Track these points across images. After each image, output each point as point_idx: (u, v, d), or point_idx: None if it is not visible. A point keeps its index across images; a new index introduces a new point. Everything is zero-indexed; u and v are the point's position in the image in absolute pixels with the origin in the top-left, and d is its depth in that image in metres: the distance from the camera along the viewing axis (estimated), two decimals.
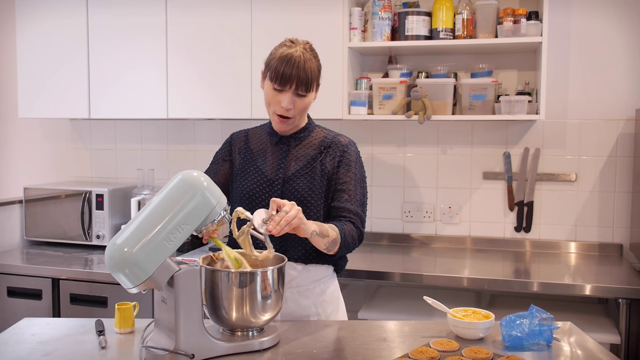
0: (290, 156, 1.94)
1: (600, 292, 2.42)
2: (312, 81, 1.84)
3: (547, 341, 1.59)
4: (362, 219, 1.92)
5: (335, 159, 1.92)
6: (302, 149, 1.94)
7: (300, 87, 1.82)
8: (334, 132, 2.01)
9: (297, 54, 1.82)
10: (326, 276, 1.94)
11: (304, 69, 1.81)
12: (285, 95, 1.83)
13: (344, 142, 1.96)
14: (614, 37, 2.92)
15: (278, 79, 1.82)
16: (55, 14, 3.22)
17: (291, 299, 1.86)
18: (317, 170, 1.90)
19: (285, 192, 1.87)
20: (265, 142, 1.98)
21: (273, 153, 1.95)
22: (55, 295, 2.85)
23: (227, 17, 2.97)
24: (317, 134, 1.98)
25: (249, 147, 1.99)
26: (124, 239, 1.41)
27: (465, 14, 2.80)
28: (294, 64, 1.80)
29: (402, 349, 1.57)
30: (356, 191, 1.91)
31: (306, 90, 1.84)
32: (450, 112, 2.87)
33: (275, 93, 1.84)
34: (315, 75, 1.85)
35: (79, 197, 3.20)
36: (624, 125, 2.93)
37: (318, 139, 1.96)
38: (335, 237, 1.78)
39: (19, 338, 1.64)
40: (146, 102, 3.12)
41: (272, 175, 1.90)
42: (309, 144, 1.95)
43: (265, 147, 1.97)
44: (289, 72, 1.80)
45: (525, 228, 3.06)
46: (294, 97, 1.83)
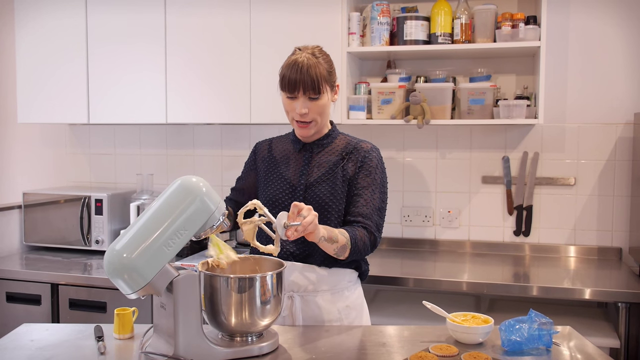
0: (313, 163, 1.94)
1: (600, 296, 2.42)
2: (320, 83, 1.85)
3: (546, 346, 1.59)
4: (378, 224, 1.91)
5: (356, 164, 1.92)
6: (324, 155, 1.95)
7: (308, 90, 1.83)
8: (357, 138, 2.00)
9: (302, 59, 1.84)
10: (350, 282, 1.94)
11: (308, 73, 1.83)
12: (298, 102, 1.85)
13: (366, 147, 1.96)
14: (613, 42, 2.92)
15: (286, 87, 1.85)
16: (53, 18, 3.22)
17: (315, 304, 1.86)
18: (338, 175, 1.91)
19: (307, 198, 1.88)
20: (289, 149, 2.00)
21: (296, 160, 1.97)
22: (54, 300, 2.85)
23: (227, 21, 2.98)
24: (340, 141, 1.98)
25: (272, 155, 2.01)
26: (123, 244, 1.41)
27: (463, 18, 2.80)
28: (299, 69, 1.83)
29: (401, 354, 1.56)
30: (373, 196, 1.90)
31: (315, 92, 1.85)
32: (449, 116, 2.87)
33: (289, 101, 1.88)
34: (322, 77, 1.85)
35: (78, 202, 3.19)
36: (622, 129, 2.93)
37: (341, 146, 1.96)
38: (345, 243, 1.78)
39: (18, 344, 1.64)
40: (145, 107, 3.12)
41: (295, 182, 1.92)
42: (332, 150, 1.96)
43: (289, 154, 1.99)
44: (294, 78, 1.83)
45: (524, 232, 3.06)
46: (307, 102, 1.85)
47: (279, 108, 2.92)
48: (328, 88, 1.89)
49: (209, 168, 3.47)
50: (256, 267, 1.70)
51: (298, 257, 1.88)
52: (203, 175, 1.96)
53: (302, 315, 1.86)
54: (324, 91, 1.87)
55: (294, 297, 1.86)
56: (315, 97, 1.85)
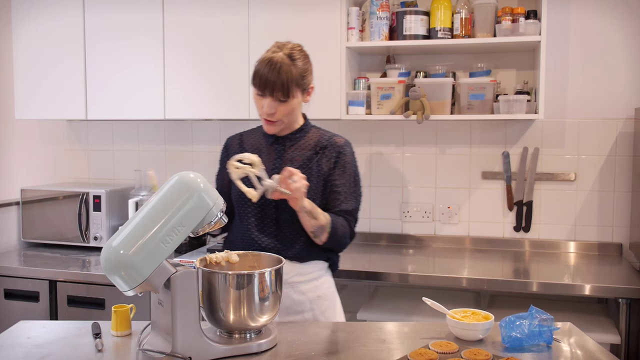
0: (286, 156, 1.95)
1: (600, 292, 2.41)
2: (291, 87, 1.84)
3: (547, 342, 1.58)
4: (356, 219, 1.96)
5: (331, 160, 1.93)
6: (297, 149, 1.95)
7: (277, 93, 1.83)
8: (329, 132, 2.01)
9: (277, 59, 1.83)
10: (321, 272, 1.95)
11: (280, 75, 1.82)
12: (265, 101, 1.85)
13: (339, 142, 1.97)
14: (613, 36, 2.91)
15: (257, 84, 1.85)
16: (51, 14, 3.20)
17: (285, 295, 1.87)
18: (313, 171, 1.92)
19: None
20: (261, 143, 2.00)
21: (268, 154, 1.97)
22: (52, 297, 2.84)
23: (225, 17, 2.96)
24: (313, 135, 1.99)
25: (244, 149, 2.00)
26: (120, 241, 1.40)
27: (463, 13, 2.79)
28: (271, 69, 1.82)
29: (401, 350, 1.55)
30: (351, 192, 1.94)
31: (285, 96, 1.84)
32: (448, 111, 2.86)
33: (258, 97, 1.88)
34: (293, 81, 1.84)
35: (76, 198, 3.18)
36: (623, 124, 2.92)
37: (314, 140, 1.97)
38: (325, 224, 1.82)
39: (15, 341, 1.62)
40: (143, 102, 3.11)
41: None
42: (305, 144, 1.96)
43: (261, 148, 1.99)
44: (265, 77, 1.82)
45: (524, 228, 3.05)
46: (275, 103, 1.85)
47: None
48: (299, 92, 1.88)
49: (207, 164, 3.46)
50: (255, 263, 1.69)
51: (271, 251, 1.87)
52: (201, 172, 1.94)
53: None
54: (294, 95, 1.87)
55: None
56: (284, 100, 1.85)
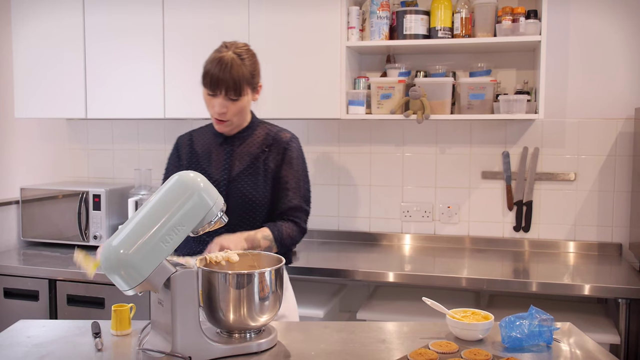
0: (235, 156, 1.97)
1: (600, 292, 2.41)
2: (242, 85, 1.87)
3: (546, 342, 1.58)
4: (307, 213, 2.00)
5: (278, 157, 1.96)
6: (245, 147, 1.98)
7: (229, 92, 1.85)
8: (277, 127, 2.04)
9: (227, 59, 1.86)
10: None
11: (231, 74, 1.84)
12: (216, 100, 1.87)
13: (285, 138, 2.00)
14: (613, 36, 2.91)
15: (208, 85, 1.87)
16: (51, 12, 3.20)
17: None
18: (260, 169, 1.95)
19: (230, 193, 1.91)
20: (211, 143, 2.02)
21: (217, 154, 1.99)
22: (52, 296, 2.84)
23: (225, 16, 2.96)
24: (261, 131, 2.01)
25: (194, 149, 2.03)
26: (120, 240, 1.40)
27: (463, 12, 2.79)
28: (222, 69, 1.84)
29: (401, 350, 1.55)
30: (299, 187, 1.97)
31: (236, 94, 1.87)
32: (448, 111, 2.86)
33: (209, 97, 1.90)
34: (244, 79, 1.87)
35: (76, 197, 3.18)
36: (623, 124, 2.92)
37: (261, 136, 2.00)
38: (269, 245, 1.86)
39: (14, 341, 1.62)
40: (143, 101, 3.10)
41: (218, 177, 1.94)
42: (253, 142, 1.99)
43: (211, 148, 2.01)
44: (217, 77, 1.84)
45: (524, 228, 3.05)
46: (226, 102, 1.87)
47: (277, 102, 2.93)
48: (249, 90, 1.91)
49: None
50: (255, 263, 1.68)
51: None
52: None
53: None
54: (245, 93, 1.89)
55: None
56: (235, 99, 1.87)
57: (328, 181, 3.29)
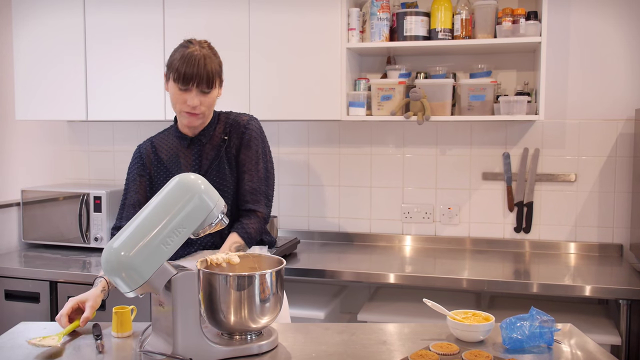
0: (203, 153, 2.00)
1: (601, 293, 2.41)
2: (214, 78, 1.91)
3: (547, 343, 1.58)
4: (267, 195, 2.00)
5: (237, 141, 1.99)
6: (212, 141, 2.00)
7: (202, 84, 1.88)
8: (235, 113, 2.06)
9: (197, 53, 1.89)
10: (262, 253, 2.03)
11: (205, 67, 1.88)
12: (190, 94, 1.89)
13: (243, 121, 2.02)
14: (614, 37, 2.91)
15: (181, 79, 1.87)
16: (52, 15, 3.20)
17: None
18: (224, 159, 1.97)
19: None
20: (176, 147, 2.04)
21: (186, 157, 2.01)
22: (53, 298, 2.84)
23: (226, 18, 2.96)
24: (221, 122, 2.04)
25: (158, 157, 2.04)
26: (121, 242, 1.40)
27: (464, 14, 2.79)
28: (195, 63, 1.87)
29: (401, 352, 1.55)
30: (258, 168, 1.98)
31: (208, 87, 1.90)
32: (449, 112, 2.86)
33: (180, 93, 1.90)
34: (216, 72, 1.92)
35: (77, 199, 3.18)
36: (623, 125, 2.92)
37: (222, 126, 2.02)
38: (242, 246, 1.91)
39: (15, 343, 1.62)
40: (144, 103, 3.11)
41: None
42: (216, 134, 2.01)
43: (177, 152, 2.03)
44: (190, 71, 1.86)
45: (524, 229, 3.05)
46: (199, 95, 1.90)
47: (277, 104, 2.93)
48: (218, 83, 1.95)
49: None
50: (255, 265, 1.69)
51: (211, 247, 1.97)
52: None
53: None
54: (215, 86, 1.93)
55: None
56: (207, 91, 1.91)
57: (329, 182, 3.29)
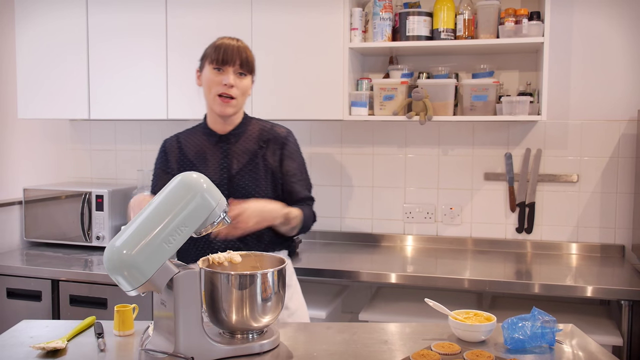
0: (232, 153, 1.98)
1: (602, 293, 2.40)
2: (250, 63, 1.93)
3: (549, 344, 1.58)
4: (314, 201, 2.08)
5: (276, 153, 1.99)
6: (241, 144, 1.99)
7: (242, 65, 1.91)
8: (269, 122, 2.06)
9: (232, 41, 1.93)
10: None
11: (245, 50, 1.92)
12: (226, 74, 1.90)
13: (282, 133, 2.02)
14: (616, 38, 2.90)
15: (219, 59, 1.89)
16: (54, 13, 3.21)
17: None
18: (260, 166, 1.97)
19: (232, 191, 1.93)
20: (203, 143, 2.02)
21: (213, 153, 1.99)
22: (55, 296, 2.84)
23: (228, 17, 2.96)
24: (254, 127, 2.03)
25: (184, 152, 2.02)
26: (123, 241, 1.40)
27: (466, 14, 2.79)
28: (230, 47, 1.91)
29: (403, 351, 1.55)
30: (305, 178, 2.05)
31: (247, 70, 1.92)
32: (451, 112, 2.86)
33: (215, 73, 1.92)
34: (253, 58, 1.95)
35: (79, 198, 3.19)
36: (626, 125, 2.92)
37: (255, 132, 2.02)
38: (297, 225, 1.94)
39: (17, 341, 1.63)
40: (146, 102, 3.11)
41: (216, 176, 1.94)
42: (248, 138, 2.00)
43: (204, 148, 2.01)
44: (229, 51, 1.89)
45: (526, 229, 3.04)
46: (235, 77, 1.91)
47: (279, 103, 2.93)
48: (253, 75, 1.98)
49: None
50: (257, 264, 1.69)
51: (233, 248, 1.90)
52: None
53: None
54: (251, 72, 1.95)
55: None
56: (244, 74, 1.92)
57: (330, 182, 3.29)
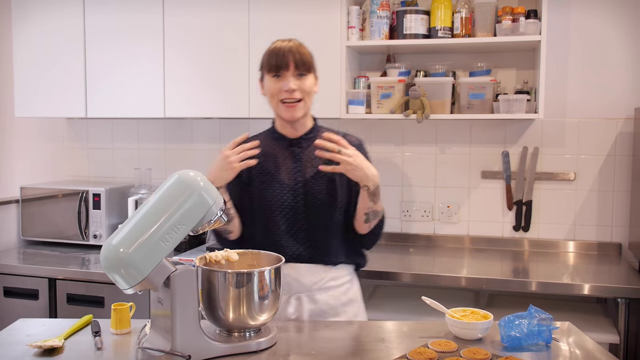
0: (304, 158, 1.92)
1: (599, 291, 2.41)
2: (309, 61, 1.86)
3: (546, 341, 1.58)
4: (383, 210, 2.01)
5: None
6: (314, 150, 1.90)
7: (298, 66, 1.83)
8: (340, 132, 1.99)
9: (284, 43, 1.86)
10: (351, 275, 1.97)
11: (298, 51, 1.84)
12: (285, 80, 1.83)
13: (355, 142, 1.96)
14: (613, 36, 2.91)
15: (273, 64, 1.83)
16: (51, 12, 3.20)
17: (322, 302, 1.88)
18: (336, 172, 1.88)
19: (307, 195, 1.88)
20: (273, 147, 1.96)
21: (284, 157, 1.93)
22: (52, 295, 2.84)
23: (225, 16, 2.96)
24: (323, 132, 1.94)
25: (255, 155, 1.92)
26: (120, 239, 1.40)
27: (463, 12, 2.79)
28: (286, 48, 1.84)
29: (400, 349, 1.56)
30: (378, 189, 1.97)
31: (305, 69, 1.85)
32: (448, 111, 2.86)
33: (275, 81, 1.85)
34: (309, 57, 1.87)
35: (76, 196, 3.18)
36: (622, 124, 2.92)
37: None
38: (381, 210, 1.89)
39: (14, 339, 1.62)
40: (143, 101, 3.11)
41: (290, 181, 1.89)
42: None
43: (274, 152, 1.95)
44: (281, 55, 1.83)
45: (523, 227, 3.05)
46: (295, 80, 1.84)
47: None
48: (314, 72, 1.90)
49: (207, 162, 3.45)
50: (254, 262, 1.69)
51: (303, 259, 1.87)
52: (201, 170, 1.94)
53: (309, 314, 1.87)
54: (311, 71, 1.88)
55: (301, 297, 1.87)
56: (303, 74, 1.85)
57: None
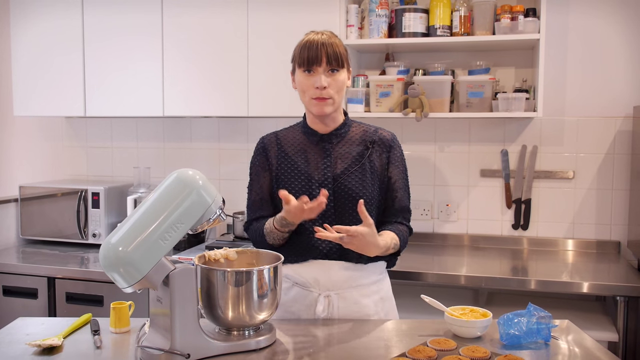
0: (335, 154, 1.88)
1: (598, 289, 2.41)
2: (341, 56, 1.80)
3: (545, 339, 1.58)
4: (411, 212, 1.98)
5: (383, 156, 1.90)
6: (344, 145, 1.89)
7: (330, 62, 1.78)
8: (372, 126, 1.96)
9: (317, 37, 1.79)
10: (382, 274, 1.93)
11: (330, 45, 1.78)
12: (317, 76, 1.78)
13: (388, 137, 1.93)
14: (612, 34, 2.91)
15: (305, 59, 1.78)
16: (50, 11, 3.20)
17: (352, 300, 1.83)
18: (366, 167, 1.87)
19: (337, 191, 1.83)
20: (303, 142, 1.91)
21: (314, 153, 1.89)
22: (51, 294, 2.84)
23: (224, 15, 2.96)
24: (356, 129, 1.93)
25: (283, 150, 1.91)
26: (119, 238, 1.40)
27: (462, 11, 2.79)
28: (319, 42, 1.78)
29: (399, 347, 1.56)
30: (406, 187, 1.95)
31: (338, 64, 1.79)
32: (447, 109, 2.86)
33: (306, 76, 1.80)
34: (342, 51, 1.81)
35: (75, 195, 3.18)
36: (621, 122, 2.92)
37: (358, 134, 1.91)
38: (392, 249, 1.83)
39: (13, 338, 1.62)
40: (142, 100, 3.10)
41: (319, 176, 1.84)
42: (351, 140, 1.90)
43: (304, 147, 1.90)
44: (314, 49, 1.77)
45: (522, 225, 3.05)
46: (326, 76, 1.79)
47: (276, 101, 2.93)
48: (346, 67, 1.84)
49: (206, 161, 3.46)
50: (253, 260, 1.69)
51: (334, 256, 1.83)
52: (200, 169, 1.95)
53: (340, 313, 1.82)
54: (344, 67, 1.82)
55: (331, 296, 1.81)
56: (336, 69, 1.79)
57: None
